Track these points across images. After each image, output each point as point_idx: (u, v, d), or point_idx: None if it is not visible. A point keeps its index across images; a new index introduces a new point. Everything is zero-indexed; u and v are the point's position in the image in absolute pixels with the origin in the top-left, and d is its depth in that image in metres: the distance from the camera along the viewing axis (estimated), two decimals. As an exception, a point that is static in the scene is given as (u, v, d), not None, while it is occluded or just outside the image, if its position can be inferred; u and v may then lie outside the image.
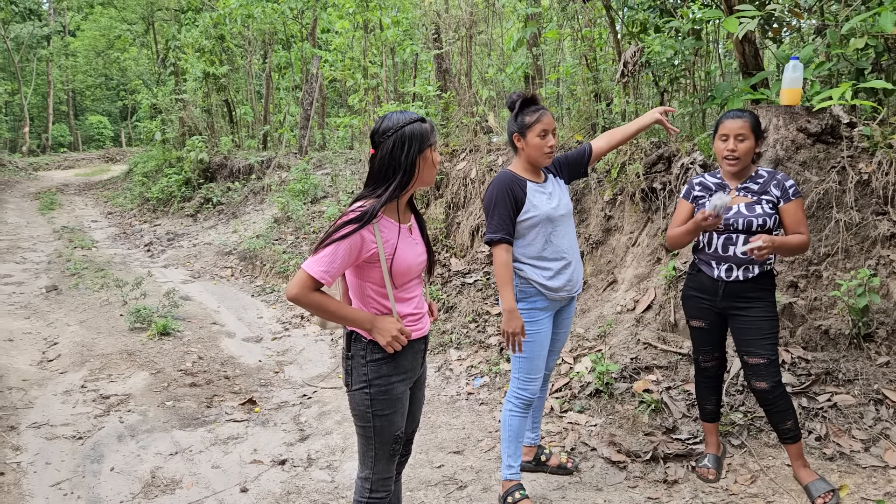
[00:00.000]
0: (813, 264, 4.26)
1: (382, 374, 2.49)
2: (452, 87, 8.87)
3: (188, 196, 14.32)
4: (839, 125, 4.42)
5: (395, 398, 2.53)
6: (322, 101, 16.36)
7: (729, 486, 3.49)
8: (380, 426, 2.52)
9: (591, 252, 5.68)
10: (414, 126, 2.41)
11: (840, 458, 3.53)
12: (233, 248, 10.17)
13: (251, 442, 4.45)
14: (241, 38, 16.56)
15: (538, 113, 3.18)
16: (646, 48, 5.28)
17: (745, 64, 5.27)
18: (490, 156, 7.06)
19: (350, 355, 2.52)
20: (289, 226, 9.99)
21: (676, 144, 5.27)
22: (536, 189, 3.24)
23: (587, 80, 6.75)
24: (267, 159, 13.67)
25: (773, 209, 3.19)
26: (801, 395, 3.89)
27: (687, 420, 4.03)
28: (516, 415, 3.40)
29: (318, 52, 13.52)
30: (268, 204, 11.83)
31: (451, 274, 6.61)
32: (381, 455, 2.57)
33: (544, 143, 3.18)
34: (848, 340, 4.03)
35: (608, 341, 4.83)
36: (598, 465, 3.84)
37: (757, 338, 3.23)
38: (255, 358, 6.13)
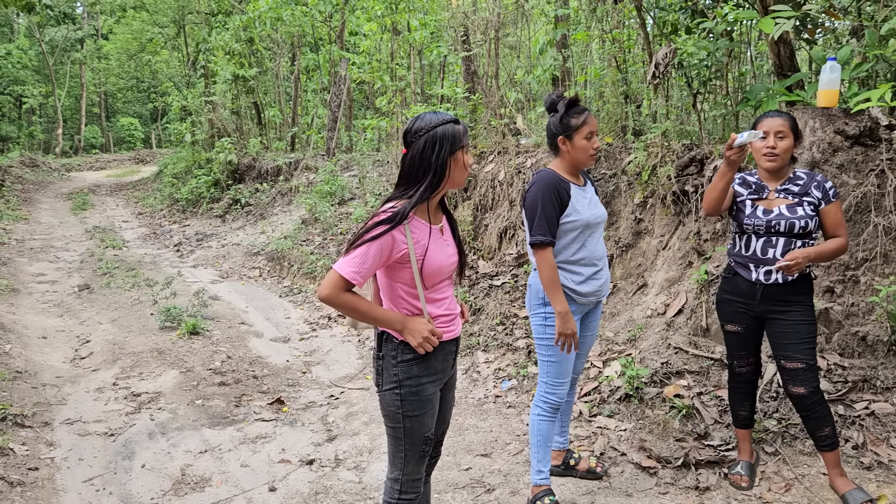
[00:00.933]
0: (850, 269, 4.17)
1: (413, 374, 2.48)
2: (480, 89, 8.86)
3: (217, 197, 14.47)
4: (878, 127, 4.33)
5: (425, 399, 2.52)
6: (349, 103, 16.44)
7: (762, 494, 3.43)
8: (410, 427, 2.52)
9: (620, 255, 5.63)
10: (446, 127, 2.39)
11: (878, 468, 3.45)
12: (261, 249, 10.25)
13: (279, 441, 4.47)
14: (269, 40, 16.70)
15: (584, 115, 3.14)
16: (678, 49, 5.21)
17: (780, 65, 5.18)
18: (518, 158, 7.03)
19: (381, 355, 2.52)
20: (316, 227, 10.04)
21: (709, 146, 5.21)
22: (579, 192, 3.21)
23: (616, 81, 6.69)
24: (295, 161, 13.76)
25: (815, 211, 3.14)
26: (838, 403, 3.80)
27: (719, 426, 3.97)
28: (545, 419, 3.37)
29: (346, 55, 13.58)
30: (295, 205, 11.91)
31: (479, 276, 6.59)
32: (410, 456, 2.56)
33: (590, 145, 3.15)
34: (886, 347, 3.94)
35: (638, 345, 4.78)
36: (627, 470, 3.80)
37: (796, 342, 3.17)
38: (282, 358, 6.16)
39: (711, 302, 4.60)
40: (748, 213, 3.22)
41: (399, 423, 2.51)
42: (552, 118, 3.22)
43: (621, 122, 6.48)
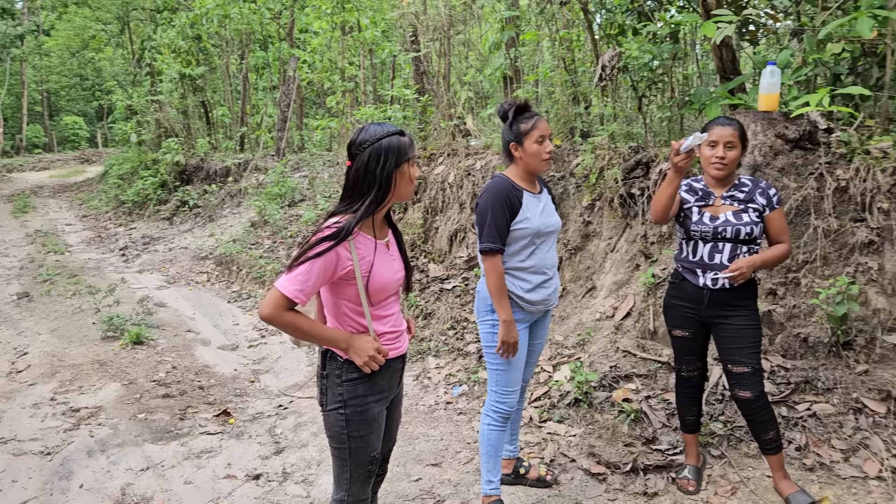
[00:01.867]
0: (792, 272, 4.24)
1: (358, 394, 2.41)
2: (430, 90, 8.79)
3: (164, 199, 14.13)
4: (817, 131, 4.40)
5: (370, 419, 2.46)
6: (300, 102, 16.20)
7: (709, 498, 3.45)
8: (355, 447, 2.45)
9: (569, 258, 5.64)
10: (391, 139, 2.33)
11: (820, 469, 3.51)
12: (209, 253, 10.02)
13: (225, 456, 4.35)
14: (218, 38, 16.36)
15: (533, 119, 3.11)
16: (623, 52, 5.23)
17: (723, 68, 5.24)
18: (468, 159, 6.99)
19: (325, 374, 2.45)
20: (266, 230, 9.86)
21: (655, 149, 5.24)
22: (532, 200, 3.17)
23: (565, 82, 6.70)
24: (244, 162, 13.51)
25: (759, 217, 3.17)
26: (781, 405, 3.86)
27: (667, 430, 3.99)
28: (495, 428, 3.33)
29: (296, 53, 13.37)
30: (245, 207, 11.69)
31: (430, 280, 6.54)
32: (356, 477, 2.50)
33: (542, 148, 3.11)
34: (827, 349, 4.01)
35: (587, 349, 4.78)
36: (577, 477, 3.79)
37: (741, 346, 3.20)
38: (230, 367, 6.02)
39: (658, 305, 4.64)
40: (695, 220, 3.23)
41: (344, 444, 2.45)
42: (504, 126, 3.18)
43: (570, 124, 6.49)
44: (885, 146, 4.16)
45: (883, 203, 4.01)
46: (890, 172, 4.03)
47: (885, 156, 4.10)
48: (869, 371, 3.85)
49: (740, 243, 3.16)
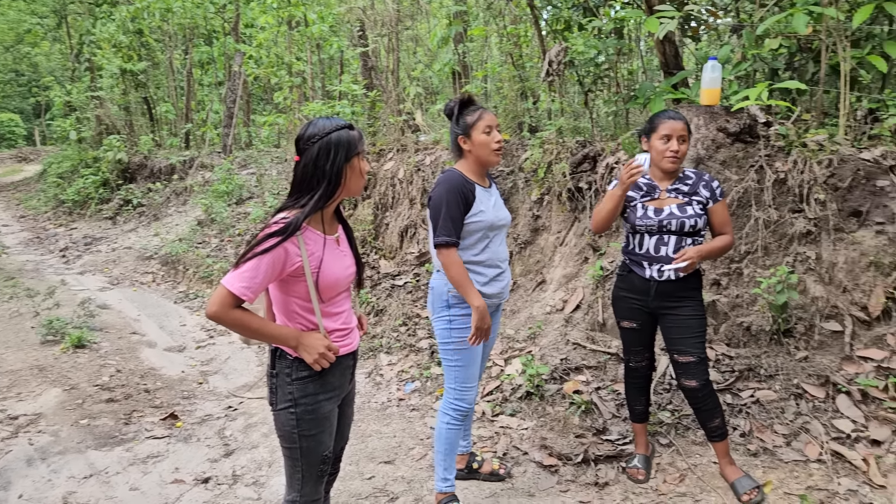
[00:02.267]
0: (734, 262, 4.34)
1: (309, 392, 2.37)
2: (379, 85, 8.74)
3: (106, 198, 13.72)
4: (756, 125, 4.52)
5: (322, 417, 2.42)
6: (247, 97, 15.93)
7: (658, 486, 3.51)
8: (307, 447, 2.41)
9: (519, 252, 5.67)
10: (340, 133, 2.29)
11: (764, 454, 3.60)
12: (154, 253, 9.78)
13: (172, 460, 4.25)
14: (160, 32, 15.95)
15: (479, 111, 3.12)
16: (569, 47, 5.28)
17: (666, 63, 5.34)
18: (418, 155, 6.97)
19: (275, 373, 2.40)
20: (213, 228, 9.67)
21: (601, 144, 5.30)
22: (484, 193, 3.16)
23: (513, 78, 6.73)
24: (189, 159, 13.22)
25: (703, 210, 3.22)
26: (726, 392, 3.95)
27: (616, 420, 4.05)
28: (453, 427, 3.31)
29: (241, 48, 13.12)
30: (191, 206, 11.44)
31: (381, 276, 6.50)
32: (308, 477, 2.46)
33: (491, 139, 3.10)
34: (769, 336, 4.12)
35: (538, 342, 4.82)
36: (530, 469, 3.81)
37: (687, 336, 3.26)
38: (177, 368, 5.88)
39: (607, 297, 4.70)
40: (640, 214, 3.27)
41: (295, 444, 2.40)
42: (451, 122, 3.18)
43: (518, 119, 6.52)
44: (821, 139, 4.29)
45: (819, 194, 4.14)
46: (826, 164, 4.16)
47: (821, 148, 4.22)
48: (808, 357, 3.97)
49: (685, 235, 3.22)
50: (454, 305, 3.15)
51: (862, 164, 4.12)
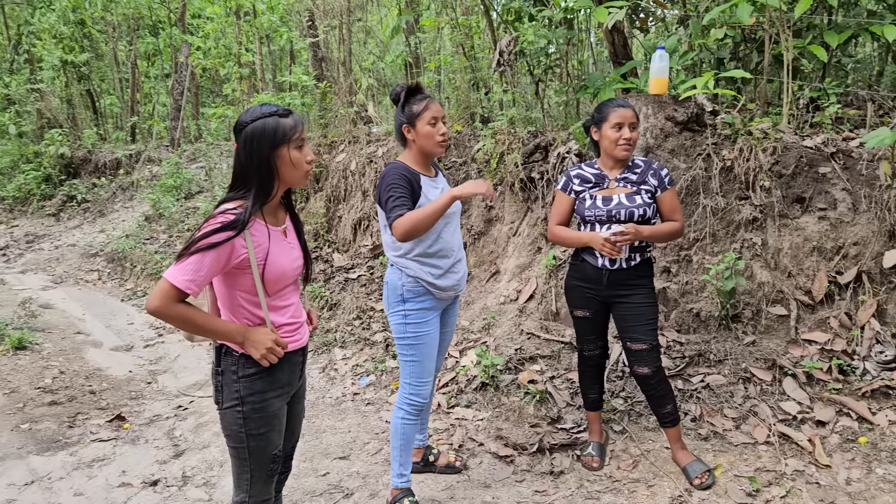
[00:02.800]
0: (684, 249, 4.40)
1: (256, 390, 2.30)
2: (330, 76, 8.62)
3: (49, 194, 13.27)
4: (703, 113, 4.58)
5: (270, 415, 2.35)
6: (195, 90, 15.58)
7: (612, 473, 3.54)
8: (255, 446, 2.34)
9: (473, 243, 5.66)
10: (266, 121, 2.19)
11: (714, 438, 3.66)
12: (100, 250, 9.51)
13: (119, 463, 4.12)
14: (104, 23, 15.47)
15: (425, 101, 3.05)
16: (519, 37, 5.27)
17: (615, 53, 5.38)
18: (370, 147, 6.90)
19: (220, 371, 2.31)
20: (161, 224, 9.44)
21: (553, 133, 5.32)
22: (430, 183, 3.10)
23: (465, 68, 6.71)
24: (136, 153, 12.86)
25: (652, 198, 3.23)
26: (677, 378, 4.00)
27: (571, 409, 4.07)
28: (409, 422, 3.28)
29: (188, 39, 12.82)
30: (138, 201, 11.15)
31: (334, 270, 6.43)
32: (257, 477, 2.39)
33: (436, 130, 3.04)
34: (717, 322, 4.19)
35: (493, 333, 4.82)
36: (485, 460, 3.81)
37: (639, 324, 3.28)
38: (124, 369, 5.72)
39: (560, 286, 4.72)
40: (588, 205, 3.28)
41: (243, 443, 2.33)
42: (397, 109, 3.11)
43: (470, 110, 6.50)
44: (765, 127, 4.37)
45: (765, 181, 4.21)
46: (770, 152, 4.24)
47: (766, 136, 4.30)
48: (756, 342, 4.05)
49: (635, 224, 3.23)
50: (409, 300, 3.11)
51: (804, 151, 4.21)
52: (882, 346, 3.77)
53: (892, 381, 3.62)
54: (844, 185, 4.09)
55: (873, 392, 3.64)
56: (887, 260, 3.89)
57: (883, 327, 3.84)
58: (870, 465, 3.30)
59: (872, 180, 4.03)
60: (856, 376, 3.75)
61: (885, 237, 3.94)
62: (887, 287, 3.92)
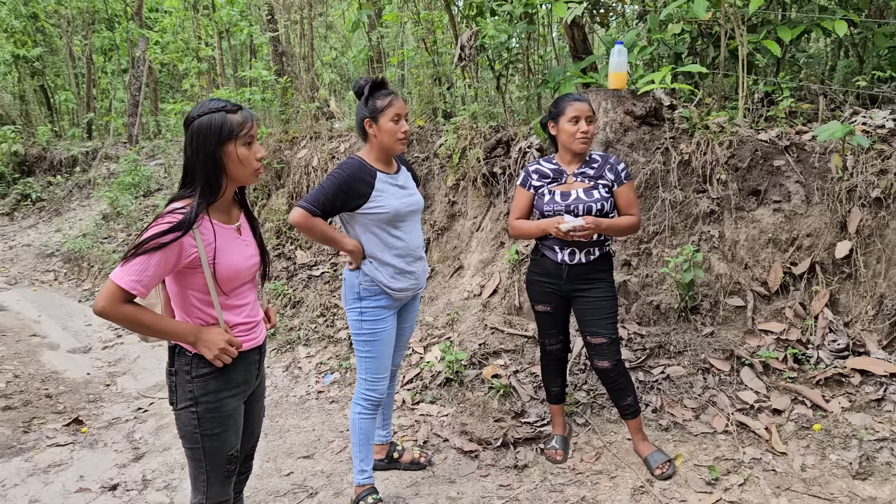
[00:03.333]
0: (644, 242, 4.45)
1: (210, 390, 2.27)
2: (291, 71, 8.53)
3: (2, 193, 12.91)
4: (661, 108, 4.63)
5: (225, 416, 2.32)
6: (154, 85, 15.28)
7: (575, 466, 3.58)
8: (210, 447, 2.31)
9: (437, 238, 5.66)
10: (212, 116, 2.14)
11: (674, 428, 3.72)
12: (56, 250, 9.29)
13: (77, 468, 4.04)
14: (58, 17, 15.07)
15: (390, 97, 3.01)
16: (480, 32, 5.27)
17: (575, 48, 5.41)
18: (332, 142, 6.84)
19: (173, 371, 2.28)
20: (119, 222, 9.25)
21: (514, 128, 5.33)
22: (387, 180, 3.08)
23: (427, 63, 6.69)
24: (93, 150, 12.58)
25: (609, 193, 3.26)
26: (638, 370, 4.06)
27: (535, 402, 4.10)
28: (366, 417, 3.28)
29: (144, 33, 12.56)
30: (95, 199, 10.92)
31: (297, 267, 6.37)
32: (214, 478, 2.37)
33: (398, 128, 3.01)
34: (677, 314, 4.25)
35: (457, 328, 4.82)
36: (450, 456, 3.82)
37: (599, 318, 3.31)
38: (82, 371, 5.60)
39: (523, 281, 4.74)
40: (547, 200, 3.29)
41: (198, 444, 2.30)
42: (360, 103, 3.07)
43: (433, 105, 6.49)
44: (722, 121, 4.43)
45: (721, 174, 4.28)
46: (726, 146, 4.31)
47: (722, 130, 4.37)
48: (714, 333, 4.12)
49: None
50: (365, 297, 3.10)
51: (759, 144, 4.29)
52: (835, 335, 3.86)
53: (844, 370, 3.71)
54: (798, 178, 4.18)
55: (826, 380, 3.73)
56: (839, 251, 3.99)
57: (835, 316, 3.94)
58: (824, 452, 3.38)
59: (824, 173, 4.12)
60: (810, 365, 3.84)
61: (837, 228, 4.03)
62: (839, 277, 4.02)
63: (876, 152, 3.99)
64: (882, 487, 3.13)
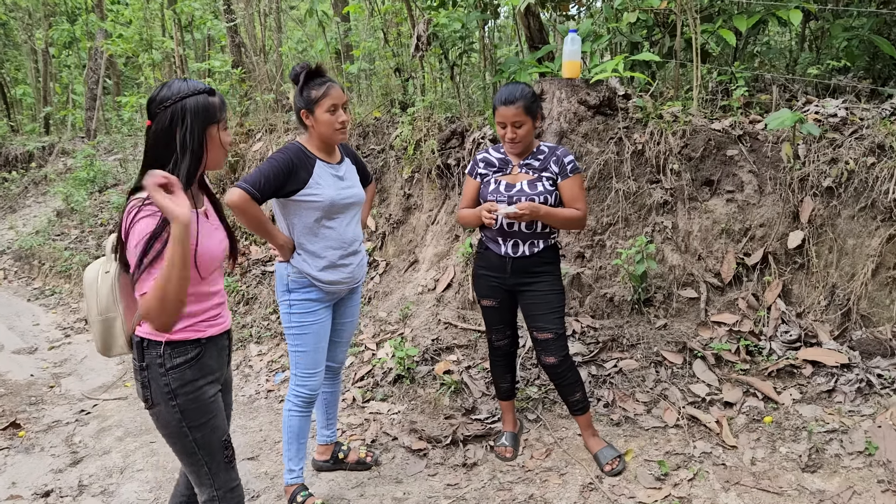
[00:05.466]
0: (597, 234, 4.38)
1: (188, 379, 2.13)
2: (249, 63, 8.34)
3: (-45, 190, 12.55)
4: (616, 97, 4.55)
5: (208, 402, 2.18)
6: (116, 79, 14.94)
7: (525, 463, 3.49)
8: (201, 437, 2.18)
9: (392, 232, 5.54)
10: (198, 98, 2.03)
11: (626, 423, 3.64)
12: (6, 248, 9.01)
13: (10, 474, 3.87)
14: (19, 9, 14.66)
15: (325, 86, 2.86)
16: (432, 20, 5.16)
17: (531, 37, 5.31)
18: (288, 135, 6.69)
19: (144, 366, 2.12)
20: (73, 219, 9.00)
21: (469, 119, 5.23)
22: (327, 169, 2.94)
23: (386, 55, 6.56)
24: (49, 145, 12.26)
25: (553, 186, 3.15)
26: (591, 364, 3.98)
27: (486, 398, 4.01)
28: (296, 414, 3.17)
29: (102, 25, 12.24)
30: (50, 195, 10.62)
31: (251, 263, 6.21)
32: (216, 468, 2.24)
33: (335, 118, 2.87)
34: (630, 306, 4.18)
35: (410, 324, 4.72)
36: (398, 455, 3.71)
37: (545, 312, 3.21)
38: (25, 372, 5.40)
39: (476, 275, 4.64)
40: (492, 190, 3.19)
41: (187, 437, 2.16)
42: (295, 91, 2.93)
43: (391, 96, 6.36)
44: (676, 111, 4.37)
45: (674, 164, 4.22)
46: (680, 135, 4.24)
47: (676, 120, 4.30)
48: (667, 325, 4.06)
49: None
50: (294, 290, 2.98)
51: (713, 134, 4.23)
52: (787, 326, 3.82)
53: (796, 361, 3.67)
54: (751, 168, 4.13)
55: (779, 371, 3.69)
56: (791, 241, 3.94)
57: (788, 307, 3.90)
58: (774, 444, 3.33)
59: (777, 162, 4.08)
60: (762, 356, 3.79)
61: (789, 218, 3.99)
62: (792, 267, 3.97)
63: (827, 141, 3.95)
64: (831, 480, 3.08)
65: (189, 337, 2.14)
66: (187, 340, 2.14)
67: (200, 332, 2.17)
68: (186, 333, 2.14)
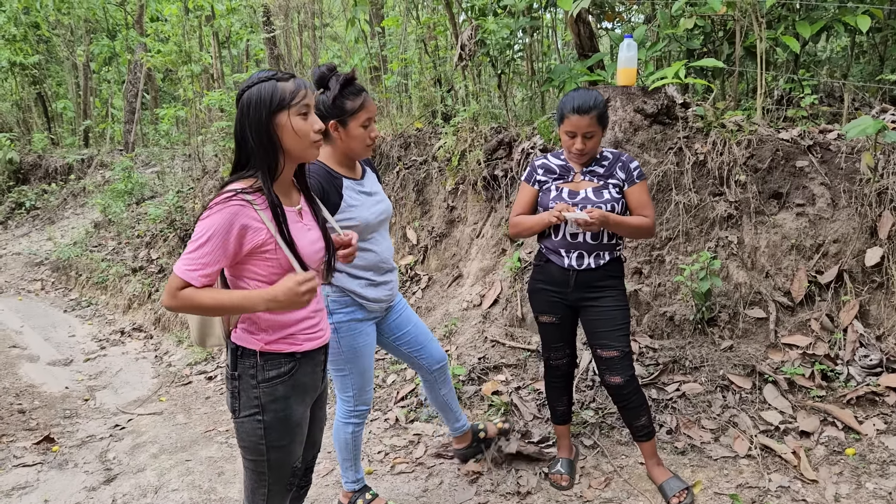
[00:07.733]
0: (656, 249, 4.14)
1: (279, 395, 2.02)
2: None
3: (-4, 201, 12.71)
4: (674, 105, 4.33)
5: (294, 424, 2.08)
6: (154, 93, 15.07)
7: (583, 493, 3.25)
8: (276, 459, 2.07)
9: (435, 246, 5.35)
10: (262, 86, 1.91)
11: (692, 452, 3.38)
12: (45, 258, 9.02)
13: (43, 490, 3.74)
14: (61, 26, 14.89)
15: (362, 97, 2.61)
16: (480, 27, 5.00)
17: (581, 45, 5.13)
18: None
19: (236, 375, 2.03)
20: (111, 230, 8.98)
21: (517, 128, 5.04)
22: (354, 187, 2.71)
23: (427, 65, 6.42)
24: (88, 157, 12.35)
25: (620, 193, 2.95)
26: (651, 387, 3.73)
27: (538, 421, 3.78)
28: (359, 431, 3.04)
29: (142, 40, 12.35)
30: (89, 207, 10.67)
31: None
32: (275, 491, 2.13)
33: (367, 133, 2.64)
34: (692, 326, 3.93)
35: (455, 341, 4.51)
36: (446, 480, 3.49)
37: (610, 329, 2.99)
38: (60, 385, 5.31)
39: (525, 290, 4.43)
40: (553, 197, 2.99)
41: (262, 456, 2.06)
42: (322, 97, 2.62)
43: (432, 107, 6.20)
44: (739, 119, 4.14)
45: (740, 176, 3.98)
46: (745, 145, 4.01)
47: (740, 129, 4.07)
48: (733, 347, 3.80)
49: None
50: (335, 311, 2.76)
51: (781, 144, 3.98)
52: (866, 350, 3.54)
53: (878, 388, 3.38)
54: (823, 180, 3.87)
55: (859, 399, 3.40)
56: (869, 258, 3.67)
57: (866, 329, 3.62)
58: (859, 479, 3.05)
59: (852, 174, 3.82)
60: (840, 382, 3.51)
61: (867, 234, 3.72)
62: (870, 287, 3.70)
63: (908, 152, 3.68)
64: (926, 521, 2.80)
65: (284, 349, 2.04)
66: (282, 353, 2.03)
67: (297, 345, 2.06)
68: (281, 345, 2.03)
